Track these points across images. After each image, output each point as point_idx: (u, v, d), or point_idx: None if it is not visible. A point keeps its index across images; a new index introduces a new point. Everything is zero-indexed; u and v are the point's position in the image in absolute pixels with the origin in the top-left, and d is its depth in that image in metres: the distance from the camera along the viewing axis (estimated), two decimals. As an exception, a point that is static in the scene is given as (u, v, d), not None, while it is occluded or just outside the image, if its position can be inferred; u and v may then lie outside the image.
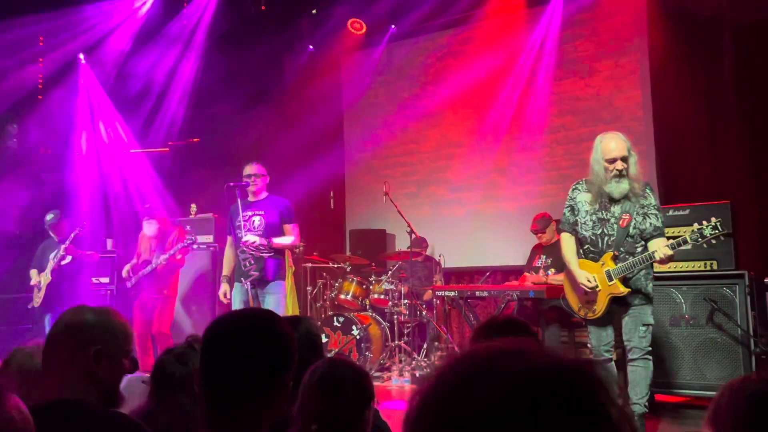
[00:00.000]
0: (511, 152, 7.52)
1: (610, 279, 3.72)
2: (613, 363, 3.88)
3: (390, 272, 6.68)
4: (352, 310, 6.55)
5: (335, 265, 7.00)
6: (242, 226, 5.18)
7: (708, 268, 4.70)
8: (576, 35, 7.13)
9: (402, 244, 7.35)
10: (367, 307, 6.65)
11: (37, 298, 6.07)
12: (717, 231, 3.55)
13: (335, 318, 6.33)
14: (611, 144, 3.73)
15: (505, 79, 7.53)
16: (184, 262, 6.04)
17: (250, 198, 5.31)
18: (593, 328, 3.90)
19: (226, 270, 5.34)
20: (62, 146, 7.70)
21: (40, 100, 7.51)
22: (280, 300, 5.23)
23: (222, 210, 7.36)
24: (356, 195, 8.59)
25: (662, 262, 3.65)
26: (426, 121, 8.09)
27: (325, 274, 7.21)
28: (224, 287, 5.29)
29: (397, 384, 5.83)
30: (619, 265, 3.72)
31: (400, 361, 6.14)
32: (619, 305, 3.78)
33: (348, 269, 6.78)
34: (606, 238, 3.80)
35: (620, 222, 3.75)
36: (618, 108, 6.86)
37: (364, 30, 8.12)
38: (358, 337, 6.13)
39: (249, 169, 5.29)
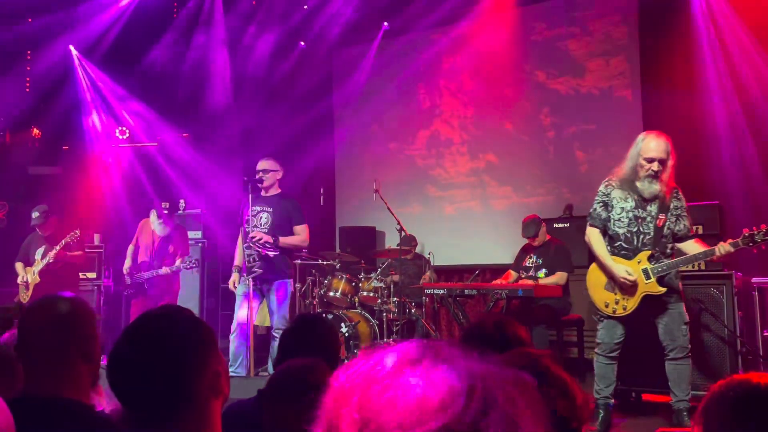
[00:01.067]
0: (501, 150, 7.53)
1: (648, 277, 3.74)
2: (615, 363, 3.92)
3: (379, 270, 6.67)
4: (341, 308, 6.53)
5: (324, 262, 6.98)
6: (250, 221, 5.14)
7: (696, 268, 4.71)
8: (568, 34, 7.14)
9: (392, 241, 7.34)
10: (356, 304, 6.63)
11: (25, 296, 5.98)
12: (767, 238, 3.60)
13: (324, 315, 6.31)
14: (652, 143, 3.74)
15: (496, 77, 7.54)
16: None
17: (262, 193, 5.27)
18: (609, 324, 3.89)
19: (237, 260, 5.34)
20: (54, 138, 7.65)
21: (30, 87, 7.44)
22: (285, 299, 5.21)
23: (212, 205, 7.35)
24: (346, 192, 8.57)
25: (719, 259, 3.70)
26: (417, 119, 8.08)
27: (314, 271, 7.18)
28: (234, 276, 5.29)
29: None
30: (659, 264, 3.74)
31: (389, 359, 6.12)
32: (649, 305, 3.79)
33: (337, 266, 6.76)
34: (642, 236, 3.81)
35: (657, 221, 3.78)
36: (609, 107, 6.88)
37: None
38: (346, 334, 6.11)
39: (261, 165, 5.26)
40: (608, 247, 3.90)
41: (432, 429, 0.55)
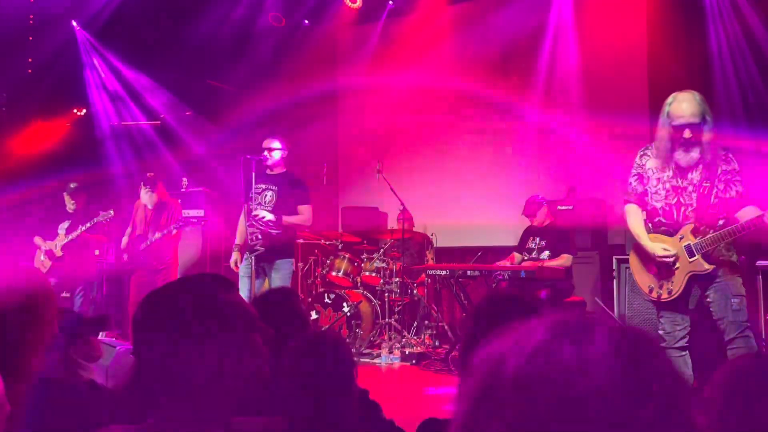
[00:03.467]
0: (505, 131, 7.48)
1: (692, 254, 3.25)
2: (687, 353, 3.41)
3: (382, 250, 6.66)
4: (343, 288, 6.55)
5: (327, 242, 6.98)
6: (254, 199, 5.15)
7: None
8: (580, 18, 7.03)
9: (395, 222, 7.33)
10: (359, 284, 6.64)
11: (43, 268, 6.02)
12: None
13: (326, 295, 6.32)
14: (682, 105, 3.20)
15: (500, 59, 7.46)
16: (181, 236, 6.00)
17: (268, 171, 5.28)
18: (667, 313, 3.40)
19: (238, 239, 5.33)
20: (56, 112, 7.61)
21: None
22: (287, 278, 5.22)
23: (214, 184, 7.33)
24: (349, 172, 8.54)
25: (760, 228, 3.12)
26: (421, 100, 8.02)
27: (316, 251, 7.19)
28: (235, 256, 5.27)
29: (386, 361, 5.84)
30: (705, 237, 3.23)
31: (390, 339, 6.15)
32: (699, 284, 3.31)
33: (340, 247, 6.76)
34: (683, 209, 3.32)
35: (702, 190, 3.27)
36: (615, 90, 6.81)
37: (359, 3, 7.99)
38: (348, 314, 6.13)
39: (266, 143, 5.28)
40: (648, 225, 3.44)
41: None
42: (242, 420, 1.61)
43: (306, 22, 8.34)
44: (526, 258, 5.69)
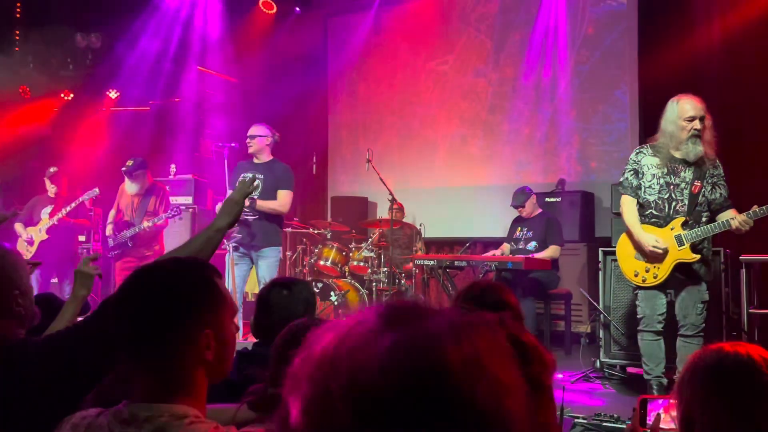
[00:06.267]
0: (495, 123, 7.49)
1: (681, 244, 3.60)
2: (662, 339, 3.77)
3: (370, 240, 6.66)
4: (331, 277, 6.55)
5: (315, 231, 6.97)
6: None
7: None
8: (572, 9, 7.04)
9: (384, 212, 7.33)
10: (346, 274, 6.64)
11: (28, 254, 5.96)
12: None
13: (314, 284, 6.31)
14: (688, 104, 3.60)
15: (492, 50, 7.46)
16: (168, 224, 5.96)
17: (254, 159, 5.23)
18: (646, 295, 3.76)
19: None
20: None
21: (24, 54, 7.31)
22: (274, 266, 5.18)
23: (202, 172, 7.29)
24: (339, 161, 8.53)
25: (737, 231, 3.54)
26: (411, 90, 8.00)
27: (304, 239, 7.18)
28: None
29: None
30: (693, 230, 3.60)
31: (377, 328, 6.16)
32: (681, 273, 3.67)
33: (328, 236, 6.76)
34: (674, 203, 3.66)
35: (692, 188, 3.62)
36: (604, 84, 6.83)
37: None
38: (336, 303, 6.13)
39: (251, 130, 5.24)
40: (641, 216, 3.77)
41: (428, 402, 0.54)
42: (220, 407, 1.61)
43: (297, 9, 8.29)
44: (513, 248, 5.71)
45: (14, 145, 6.81)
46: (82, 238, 6.72)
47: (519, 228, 5.77)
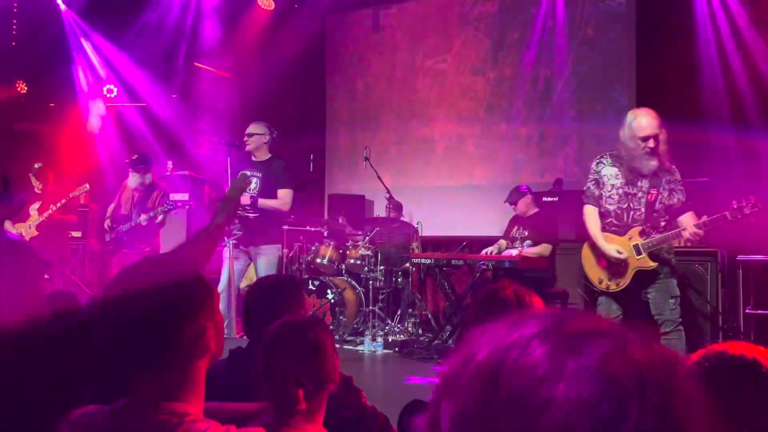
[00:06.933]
0: (492, 122, 7.48)
1: (639, 253, 3.73)
2: None
3: (367, 238, 6.65)
4: (327, 275, 6.53)
5: (312, 229, 6.95)
6: None
7: (681, 244, 4.72)
8: (570, 8, 7.03)
9: (381, 210, 7.32)
10: (343, 271, 6.63)
11: None
12: (756, 209, 3.52)
13: (310, 281, 6.30)
14: (643, 121, 3.71)
15: (491, 49, 7.45)
16: (165, 223, 5.93)
17: (253, 158, 5.25)
18: (606, 300, 3.91)
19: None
20: (41, 94, 7.51)
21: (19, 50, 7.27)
22: (273, 264, 5.19)
23: (199, 169, 7.27)
24: (336, 159, 8.51)
25: (691, 240, 3.67)
26: (410, 88, 7.99)
27: (301, 237, 7.16)
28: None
29: (369, 349, 5.85)
30: (649, 239, 3.73)
31: (374, 327, 6.16)
32: (642, 280, 3.79)
33: (325, 233, 6.74)
34: (632, 213, 3.80)
35: (648, 197, 3.76)
36: (602, 84, 6.82)
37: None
38: (332, 301, 6.12)
39: (248, 128, 5.27)
40: (601, 224, 3.90)
41: None
42: (217, 405, 1.60)
43: (296, 6, 8.27)
44: (509, 246, 5.72)
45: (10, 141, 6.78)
46: (77, 234, 6.70)
47: (516, 227, 5.78)
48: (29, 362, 1.42)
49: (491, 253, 5.66)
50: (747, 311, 4.41)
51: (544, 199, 6.44)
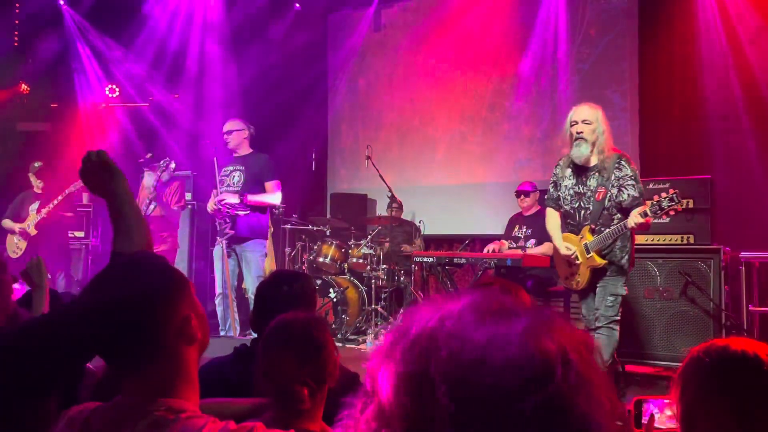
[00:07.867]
0: (494, 121, 7.47)
1: (587, 252, 3.79)
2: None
3: (369, 236, 6.65)
4: (330, 273, 6.54)
5: (315, 228, 6.96)
6: (222, 182, 5.15)
7: (684, 241, 4.72)
8: (572, 7, 7.01)
9: (383, 209, 7.32)
10: (345, 270, 6.63)
11: (18, 250, 5.95)
12: (674, 203, 3.48)
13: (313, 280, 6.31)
14: (577, 110, 3.86)
15: (492, 47, 7.44)
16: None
17: (235, 153, 5.31)
18: (581, 299, 4.02)
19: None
20: (44, 94, 7.53)
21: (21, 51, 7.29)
22: (260, 259, 5.21)
23: (201, 168, 7.28)
24: (338, 158, 8.51)
25: (640, 229, 3.69)
26: (411, 86, 7.98)
27: (304, 236, 7.17)
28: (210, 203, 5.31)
29: (371, 347, 5.85)
30: (594, 238, 3.77)
31: (376, 325, 6.16)
32: (599, 277, 3.84)
33: (327, 232, 6.75)
34: (583, 212, 3.86)
35: (596, 195, 3.78)
36: (604, 83, 6.81)
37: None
38: (335, 300, 6.12)
39: (226, 126, 5.34)
40: (563, 225, 4.01)
41: (537, 401, 0.54)
42: (215, 401, 1.60)
43: (297, 5, 8.26)
44: (512, 246, 5.70)
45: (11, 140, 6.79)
46: (80, 233, 6.71)
47: (518, 227, 5.77)
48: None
49: (494, 251, 5.65)
50: (750, 308, 4.40)
51: (546, 197, 6.43)
